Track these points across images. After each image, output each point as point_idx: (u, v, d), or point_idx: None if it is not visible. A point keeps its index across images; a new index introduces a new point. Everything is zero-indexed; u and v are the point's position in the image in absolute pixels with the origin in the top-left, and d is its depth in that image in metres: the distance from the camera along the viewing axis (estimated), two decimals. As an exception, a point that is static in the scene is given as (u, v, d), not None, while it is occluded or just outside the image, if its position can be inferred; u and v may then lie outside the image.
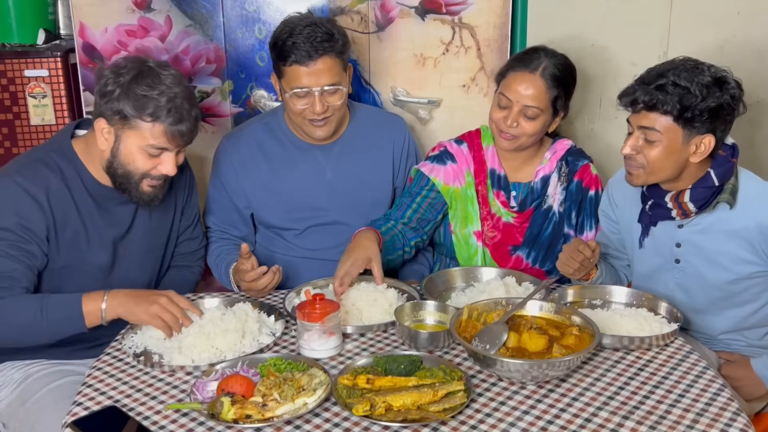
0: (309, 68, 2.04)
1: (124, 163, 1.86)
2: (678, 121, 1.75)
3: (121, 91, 1.81)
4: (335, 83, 2.08)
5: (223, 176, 2.25)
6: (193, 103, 1.88)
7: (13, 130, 2.54)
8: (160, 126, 1.81)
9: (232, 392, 1.47)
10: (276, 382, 1.49)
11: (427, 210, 2.21)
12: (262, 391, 1.47)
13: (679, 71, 1.76)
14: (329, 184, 2.25)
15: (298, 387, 1.49)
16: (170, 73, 1.86)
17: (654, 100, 1.75)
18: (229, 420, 1.41)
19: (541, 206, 2.20)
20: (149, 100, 1.80)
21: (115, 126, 1.84)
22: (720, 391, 1.55)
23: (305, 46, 2.02)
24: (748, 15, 2.58)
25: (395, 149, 2.32)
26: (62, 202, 1.87)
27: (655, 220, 1.94)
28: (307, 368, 1.57)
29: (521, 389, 1.55)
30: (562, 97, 2.11)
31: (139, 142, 1.83)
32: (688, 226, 1.90)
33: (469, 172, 2.23)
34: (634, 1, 2.59)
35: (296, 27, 2.05)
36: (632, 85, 1.82)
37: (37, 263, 1.85)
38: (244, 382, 1.49)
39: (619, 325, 1.77)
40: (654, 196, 1.91)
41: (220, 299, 1.93)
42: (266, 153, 2.24)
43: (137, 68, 1.83)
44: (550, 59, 2.10)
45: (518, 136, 2.10)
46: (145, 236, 2.04)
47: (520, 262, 2.21)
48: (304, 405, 1.45)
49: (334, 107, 2.12)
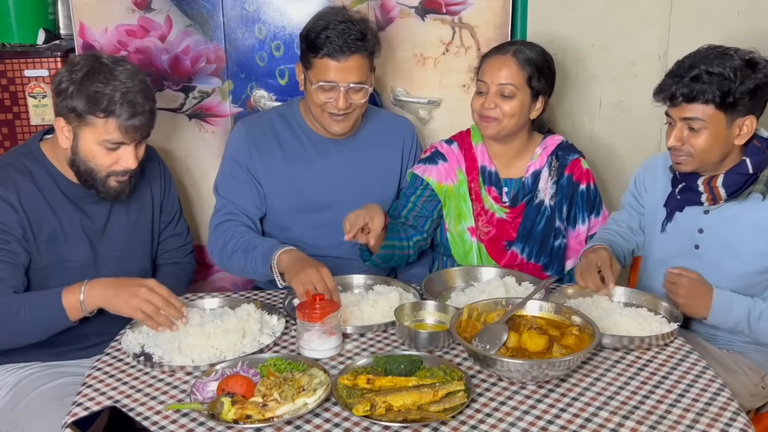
0: (339, 63, 2.07)
1: (85, 159, 1.87)
2: (720, 108, 1.79)
3: (74, 89, 1.82)
4: (362, 82, 2.11)
5: (236, 153, 2.24)
6: (148, 96, 1.89)
7: (13, 130, 2.54)
8: (114, 121, 1.82)
9: (233, 392, 1.47)
10: (276, 382, 1.48)
11: (423, 207, 2.24)
12: (262, 391, 1.47)
13: (709, 60, 1.80)
14: (339, 179, 2.27)
15: (298, 387, 1.49)
16: (125, 68, 1.87)
17: (693, 92, 1.79)
18: (229, 420, 1.41)
19: (533, 201, 2.21)
20: (102, 95, 1.81)
21: (73, 124, 1.85)
22: (720, 391, 1.55)
23: (338, 41, 2.04)
24: (748, 15, 2.58)
25: (404, 149, 2.36)
26: (34, 203, 1.89)
27: (683, 205, 1.98)
28: (307, 368, 1.57)
29: (521, 389, 1.55)
30: (536, 77, 2.13)
31: (95, 138, 1.84)
32: (715, 212, 1.93)
33: (461, 169, 2.25)
34: (634, 1, 2.59)
35: (331, 21, 2.07)
36: (666, 81, 1.86)
37: (22, 260, 1.86)
38: (244, 382, 1.49)
39: (619, 325, 1.77)
40: (686, 180, 1.94)
41: (220, 299, 1.94)
42: (281, 141, 2.26)
43: (90, 65, 1.85)
44: (521, 44, 2.18)
45: (499, 119, 2.13)
46: (125, 233, 2.05)
47: (516, 258, 2.22)
48: (304, 405, 1.45)
49: (356, 105, 2.15)
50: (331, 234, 2.24)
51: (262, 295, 2.04)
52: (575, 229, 2.23)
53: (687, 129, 1.84)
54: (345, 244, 2.06)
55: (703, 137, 1.83)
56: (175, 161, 2.54)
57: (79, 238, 1.96)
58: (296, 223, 2.28)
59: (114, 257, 2.02)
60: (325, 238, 2.26)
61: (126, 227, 2.05)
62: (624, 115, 2.71)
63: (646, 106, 2.68)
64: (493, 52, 2.18)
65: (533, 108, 2.18)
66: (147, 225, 2.13)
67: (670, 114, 1.88)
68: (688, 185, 1.94)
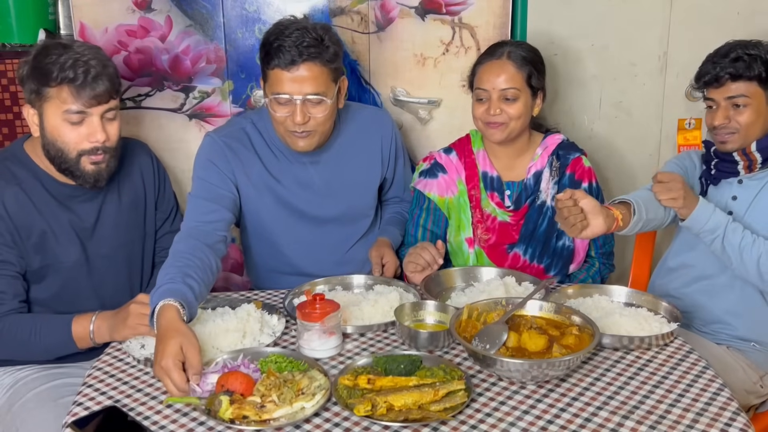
0: (291, 74, 1.94)
1: (52, 139, 1.85)
2: (762, 84, 1.94)
3: (29, 68, 1.82)
4: (318, 93, 1.96)
5: (212, 156, 2.10)
6: (105, 63, 1.85)
7: (13, 130, 2.54)
8: (67, 87, 1.80)
9: (232, 390, 1.47)
10: (275, 383, 1.48)
11: (433, 225, 2.27)
12: (261, 391, 1.46)
13: (743, 45, 1.95)
14: (318, 192, 2.19)
15: (298, 390, 1.48)
16: (82, 43, 1.87)
17: (738, 70, 1.93)
18: (226, 419, 1.41)
19: (535, 202, 2.21)
20: (53, 65, 1.79)
21: (36, 106, 1.84)
22: (720, 391, 1.55)
23: (290, 49, 1.91)
24: (748, 15, 2.59)
25: (383, 145, 2.30)
26: (21, 208, 1.87)
27: (719, 178, 2.06)
28: (307, 368, 1.57)
29: (521, 389, 1.55)
30: (535, 75, 2.14)
31: (56, 112, 1.82)
32: (749, 180, 2.02)
33: (460, 180, 2.26)
34: (634, 1, 2.59)
35: (286, 29, 1.95)
36: (706, 66, 1.99)
37: (18, 269, 1.87)
38: (244, 380, 1.49)
39: (618, 325, 1.77)
40: (722, 155, 2.03)
41: (220, 299, 1.94)
42: (258, 150, 2.16)
43: (44, 44, 1.85)
44: (512, 45, 2.18)
45: (506, 122, 2.13)
46: (117, 231, 2.04)
47: (518, 260, 2.22)
48: (301, 409, 1.45)
49: (317, 121, 2.00)
50: (315, 251, 2.22)
51: (263, 295, 2.04)
52: None
53: (731, 107, 1.96)
54: (329, 261, 2.11)
55: (747, 113, 1.95)
56: (176, 161, 2.53)
57: (70, 238, 1.95)
58: (282, 237, 2.22)
59: (104, 256, 2.01)
60: (310, 254, 2.22)
61: (116, 225, 2.04)
62: (624, 115, 2.71)
63: (646, 106, 2.70)
64: (487, 58, 2.16)
65: (534, 105, 2.18)
66: (139, 222, 2.11)
67: (712, 97, 1.99)
68: (724, 158, 2.03)
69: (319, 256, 2.24)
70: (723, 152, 2.02)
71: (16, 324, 1.82)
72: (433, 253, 2.03)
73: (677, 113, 2.69)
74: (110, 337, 1.76)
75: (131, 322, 1.70)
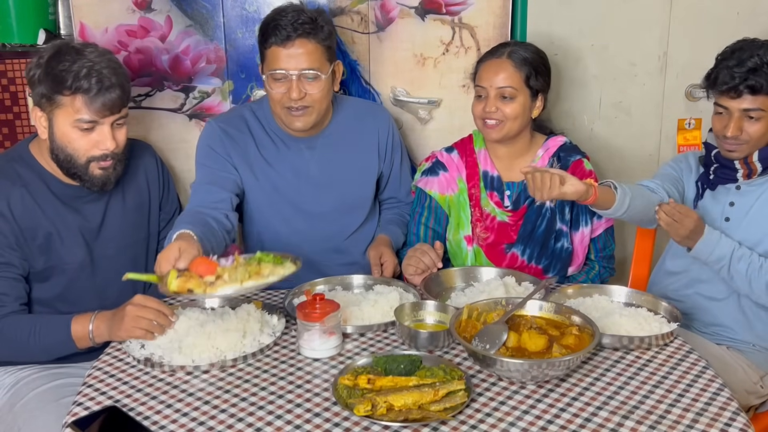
0: (287, 49, 2.02)
1: (62, 145, 1.84)
2: None
3: (41, 72, 1.80)
4: (314, 68, 2.04)
5: (211, 142, 2.18)
6: (118, 72, 1.85)
7: (13, 130, 2.54)
8: (81, 97, 1.79)
9: (197, 273, 1.54)
10: (234, 266, 1.54)
11: (435, 223, 2.28)
12: (219, 273, 1.53)
13: (761, 51, 1.88)
14: (313, 181, 2.23)
15: (254, 273, 1.52)
16: (94, 49, 1.85)
17: (759, 85, 1.88)
18: (171, 291, 1.50)
19: (534, 203, 2.21)
20: (67, 73, 1.78)
21: (46, 110, 1.83)
22: (720, 391, 1.55)
23: (286, 26, 2.01)
24: (748, 15, 2.59)
25: (380, 139, 2.33)
26: (26, 210, 1.87)
27: (716, 183, 2.04)
28: (281, 262, 1.62)
29: (521, 389, 1.55)
30: (534, 77, 2.14)
31: (67, 120, 1.82)
32: (746, 187, 2.01)
33: (461, 178, 2.26)
34: (634, 1, 2.59)
35: (282, 11, 2.05)
36: (723, 73, 1.91)
37: (20, 271, 1.86)
38: (206, 263, 1.57)
39: (618, 325, 1.77)
40: (723, 160, 2.00)
41: (220, 299, 1.93)
42: (255, 136, 2.22)
43: (56, 48, 1.83)
44: (515, 45, 2.19)
45: (502, 121, 2.14)
46: (122, 232, 2.04)
47: (516, 260, 2.22)
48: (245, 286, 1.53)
49: (313, 97, 2.08)
50: (310, 240, 2.23)
51: (263, 294, 2.04)
52: (578, 231, 2.22)
53: (745, 118, 1.92)
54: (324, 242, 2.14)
55: (759, 125, 1.92)
56: (176, 161, 2.53)
57: (75, 240, 1.95)
58: (280, 226, 2.24)
59: (109, 257, 2.02)
60: (306, 242, 2.23)
61: (121, 225, 2.04)
62: (624, 115, 2.71)
63: (646, 106, 2.70)
64: (488, 56, 2.18)
65: (534, 107, 2.18)
66: (143, 223, 2.12)
67: (726, 105, 1.94)
68: (725, 164, 2.00)
69: (315, 246, 2.24)
70: (726, 159, 2.01)
71: (16, 324, 1.82)
72: (432, 257, 2.04)
73: (677, 113, 2.69)
74: (109, 336, 1.76)
75: (127, 325, 1.70)
